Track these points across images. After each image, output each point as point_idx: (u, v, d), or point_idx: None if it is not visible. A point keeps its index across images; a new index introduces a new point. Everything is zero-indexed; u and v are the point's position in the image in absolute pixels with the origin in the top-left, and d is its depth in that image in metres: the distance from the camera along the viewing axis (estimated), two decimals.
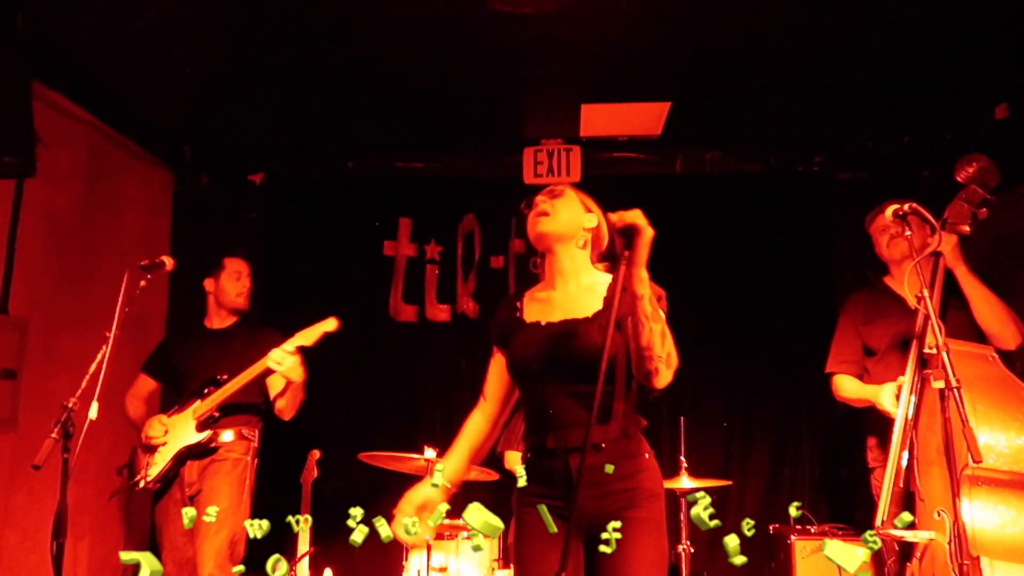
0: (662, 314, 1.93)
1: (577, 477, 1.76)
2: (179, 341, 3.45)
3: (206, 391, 3.17)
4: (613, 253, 1.92)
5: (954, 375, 1.97)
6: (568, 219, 2.09)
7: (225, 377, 3.15)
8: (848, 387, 3.19)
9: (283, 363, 3.02)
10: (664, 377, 1.89)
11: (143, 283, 2.69)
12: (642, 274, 1.83)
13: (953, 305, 2.84)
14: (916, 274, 2.19)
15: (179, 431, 3.14)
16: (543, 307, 2.09)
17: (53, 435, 2.21)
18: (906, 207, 2.26)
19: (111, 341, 2.43)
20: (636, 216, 1.80)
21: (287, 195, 4.60)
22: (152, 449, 3.14)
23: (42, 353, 3.42)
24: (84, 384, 2.37)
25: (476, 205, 4.57)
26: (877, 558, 3.49)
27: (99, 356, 2.41)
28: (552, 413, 1.98)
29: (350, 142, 4.41)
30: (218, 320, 3.42)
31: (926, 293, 2.13)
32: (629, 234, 1.80)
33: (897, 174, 4.09)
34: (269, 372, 3.08)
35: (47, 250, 3.50)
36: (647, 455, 2.02)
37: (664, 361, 1.87)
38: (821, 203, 4.34)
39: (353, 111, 3.99)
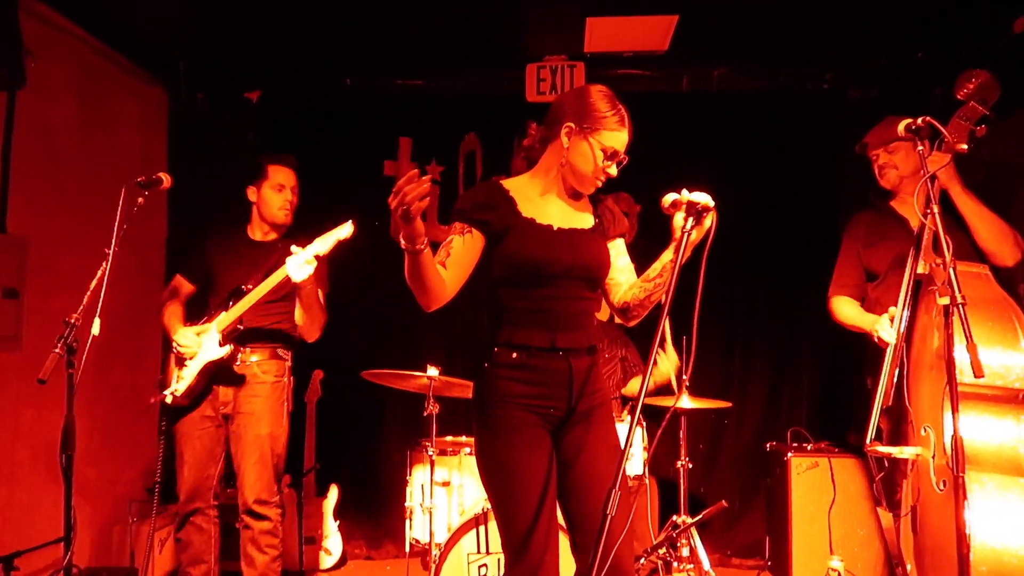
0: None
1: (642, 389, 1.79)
2: (217, 246, 3.28)
3: (231, 302, 3.06)
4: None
5: (959, 291, 1.95)
6: None
7: (249, 287, 3.04)
8: (845, 312, 3.21)
9: (299, 273, 2.85)
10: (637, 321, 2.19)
11: (141, 200, 2.66)
12: (689, 252, 1.96)
13: (948, 226, 2.82)
14: (927, 190, 2.16)
15: (206, 344, 3.07)
16: (543, 210, 2.11)
17: (57, 350, 2.22)
18: (919, 121, 2.21)
19: (110, 258, 2.41)
20: (710, 201, 1.95)
21: (285, 114, 4.51)
22: (182, 362, 3.09)
23: (43, 272, 3.41)
24: (86, 301, 2.37)
25: (478, 124, 4.49)
26: (866, 473, 3.59)
27: (99, 273, 2.40)
28: (559, 315, 2.04)
29: (348, 59, 4.29)
30: (260, 232, 3.29)
31: (935, 209, 2.09)
32: (700, 214, 1.95)
33: (909, 92, 3.98)
34: (288, 281, 2.95)
35: (43, 168, 3.46)
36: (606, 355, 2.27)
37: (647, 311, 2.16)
38: (829, 122, 4.26)
39: (351, 26, 3.86)
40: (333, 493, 4.12)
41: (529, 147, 2.21)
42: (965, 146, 2.43)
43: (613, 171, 2.09)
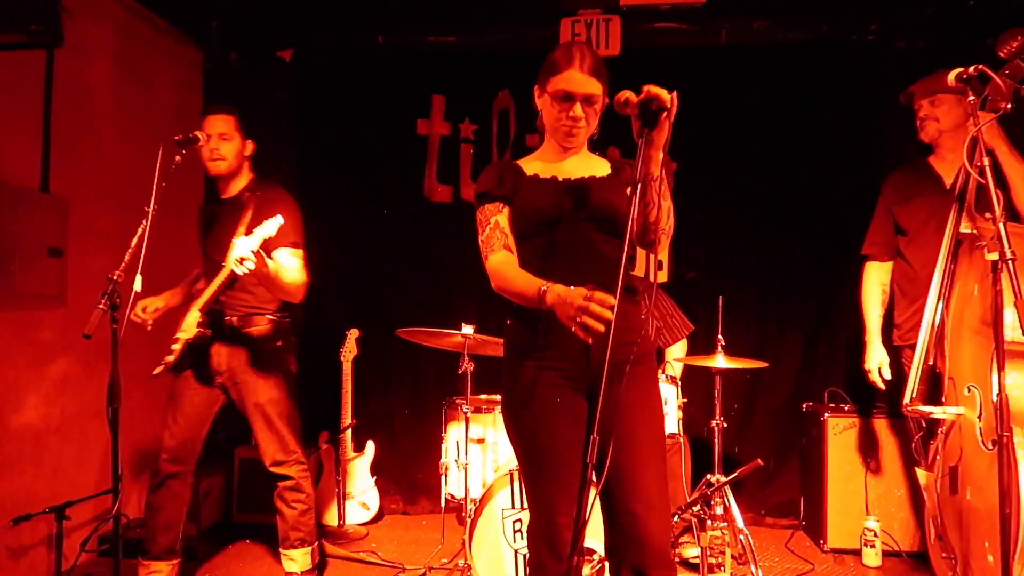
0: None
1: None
2: (203, 212, 3.26)
3: (210, 280, 2.99)
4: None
5: (1009, 247, 1.90)
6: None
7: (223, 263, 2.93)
8: (868, 301, 3.38)
9: (240, 269, 2.67)
10: (663, 248, 2.02)
11: (178, 158, 2.68)
12: (659, 156, 1.82)
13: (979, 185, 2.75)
14: (982, 139, 2.09)
15: (189, 321, 3.00)
16: (549, 168, 2.12)
17: (101, 306, 2.26)
18: (971, 70, 2.12)
19: (150, 216, 2.44)
20: (662, 93, 1.74)
21: (317, 72, 4.50)
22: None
23: (84, 231, 3.47)
24: (127, 258, 2.41)
25: (511, 80, 4.42)
26: (904, 434, 3.56)
27: (139, 231, 2.43)
28: (569, 258, 1.99)
29: (380, 16, 4.26)
30: (223, 187, 3.17)
31: (986, 162, 2.02)
32: (652, 113, 1.76)
33: (958, 42, 3.84)
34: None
35: (82, 127, 3.50)
36: (642, 315, 2.09)
37: (666, 234, 1.98)
38: (874, 75, 4.12)
39: None
40: (370, 449, 4.20)
41: (541, 130, 2.20)
42: (1009, 105, 2.34)
43: (578, 111, 2.00)
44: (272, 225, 2.72)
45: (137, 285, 2.32)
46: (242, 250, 2.64)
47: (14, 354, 3.15)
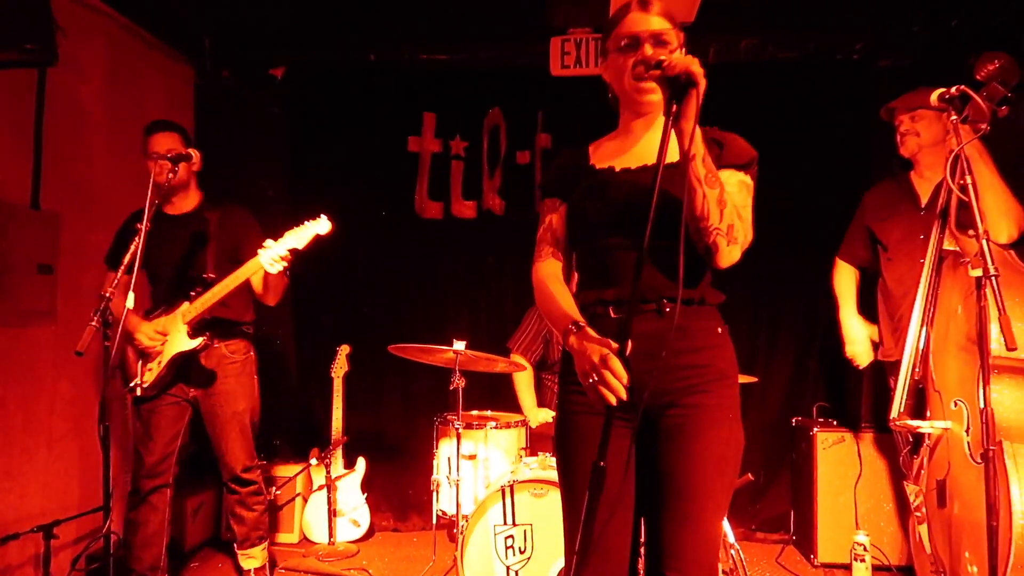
0: (745, 178, 1.71)
1: (624, 336, 1.47)
2: (135, 231, 3.07)
3: (193, 292, 3.00)
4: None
5: (992, 263, 1.93)
6: None
7: (213, 276, 2.99)
8: (841, 285, 3.50)
9: (275, 267, 2.81)
10: (726, 255, 1.65)
11: (171, 175, 2.69)
12: (693, 130, 1.54)
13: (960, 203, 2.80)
14: (964, 156, 2.12)
15: (172, 336, 3.01)
16: (616, 152, 1.83)
17: (93, 323, 2.26)
18: (953, 90, 2.17)
19: (143, 234, 2.45)
20: (689, 62, 1.51)
21: (309, 90, 4.52)
22: (147, 356, 3.02)
23: (76, 248, 3.47)
24: (119, 275, 2.41)
25: (502, 98, 4.46)
26: (892, 449, 3.59)
27: (132, 248, 2.43)
28: (613, 266, 1.71)
29: (372, 34, 4.29)
30: (171, 205, 3.15)
31: (969, 180, 2.06)
32: (678, 84, 1.52)
33: (942, 61, 3.90)
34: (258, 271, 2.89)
35: (73, 144, 3.50)
36: (720, 329, 1.78)
37: (724, 235, 1.61)
38: (860, 92, 4.18)
39: (375, 1, 3.86)
40: (361, 466, 4.18)
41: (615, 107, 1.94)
42: (987, 126, 2.39)
43: (648, 51, 1.69)
44: (308, 232, 2.85)
45: (129, 303, 2.32)
46: (280, 250, 2.80)
47: (3, 371, 3.13)
